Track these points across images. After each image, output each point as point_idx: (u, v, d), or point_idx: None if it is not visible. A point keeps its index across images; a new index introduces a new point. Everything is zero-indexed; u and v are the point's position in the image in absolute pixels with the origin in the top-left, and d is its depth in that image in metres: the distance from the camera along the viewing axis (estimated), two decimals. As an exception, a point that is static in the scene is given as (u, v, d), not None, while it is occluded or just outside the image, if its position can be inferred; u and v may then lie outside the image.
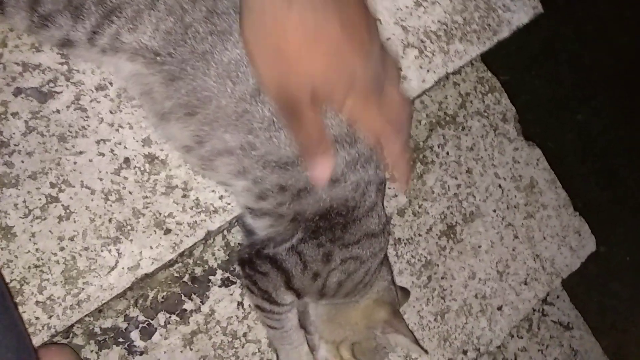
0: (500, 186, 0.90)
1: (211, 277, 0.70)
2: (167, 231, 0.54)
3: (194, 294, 0.69)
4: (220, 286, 0.70)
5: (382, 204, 0.61)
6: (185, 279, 0.69)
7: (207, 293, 0.69)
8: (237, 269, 0.68)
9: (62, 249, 0.51)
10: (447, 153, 0.87)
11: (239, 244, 0.70)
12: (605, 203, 1.66)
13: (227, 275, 0.70)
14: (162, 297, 0.67)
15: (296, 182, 0.52)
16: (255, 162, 0.51)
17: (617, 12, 1.67)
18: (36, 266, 0.50)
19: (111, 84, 0.54)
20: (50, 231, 0.51)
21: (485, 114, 0.92)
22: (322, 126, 0.47)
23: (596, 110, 1.70)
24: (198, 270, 0.69)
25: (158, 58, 0.48)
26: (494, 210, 0.89)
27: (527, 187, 0.93)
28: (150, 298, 0.67)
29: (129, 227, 0.53)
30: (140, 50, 0.48)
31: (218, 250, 0.70)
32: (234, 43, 0.48)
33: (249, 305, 0.70)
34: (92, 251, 0.52)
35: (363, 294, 0.64)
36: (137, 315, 0.66)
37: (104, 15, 0.47)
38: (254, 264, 0.58)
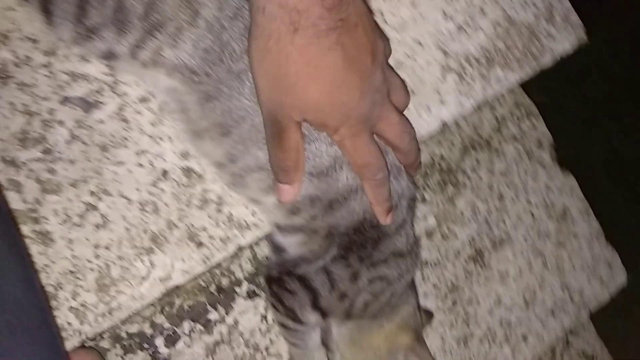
0: (531, 213, 0.89)
1: (237, 289, 0.70)
2: (200, 244, 0.55)
3: (219, 304, 0.69)
4: (245, 298, 0.70)
5: (412, 223, 0.61)
6: (212, 288, 0.69)
7: (232, 304, 0.70)
8: (263, 284, 0.68)
9: (97, 256, 0.52)
10: (480, 177, 0.86)
11: (266, 257, 0.70)
12: (636, 230, 1.62)
13: (252, 287, 0.71)
14: (188, 306, 0.68)
15: (327, 192, 0.52)
16: None
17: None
18: (71, 272, 0.51)
19: (154, 96, 0.55)
20: (87, 238, 0.52)
21: (521, 139, 0.90)
22: (301, 154, 0.47)
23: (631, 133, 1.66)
24: (225, 281, 0.70)
25: (195, 77, 0.49)
26: (524, 238, 0.88)
27: (560, 215, 0.91)
28: (176, 306, 0.68)
29: (162, 239, 0.54)
30: (179, 67, 0.49)
31: (245, 262, 0.71)
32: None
33: (273, 319, 0.70)
34: (125, 260, 0.53)
35: (389, 317, 0.63)
36: (163, 322, 0.67)
37: (147, 30, 0.47)
38: (282, 282, 0.58)
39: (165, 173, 0.55)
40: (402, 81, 0.55)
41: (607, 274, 0.93)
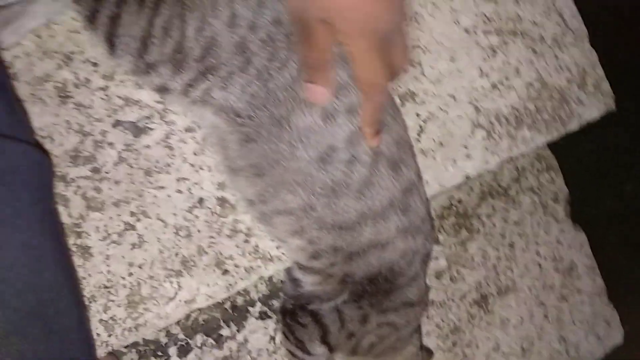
0: (539, 265, 0.91)
1: (250, 308, 0.74)
2: (225, 272, 0.58)
3: (232, 321, 0.73)
4: (257, 318, 0.74)
5: (425, 275, 0.64)
6: (227, 306, 0.73)
7: (244, 322, 0.73)
8: (276, 308, 0.71)
9: (130, 274, 0.55)
10: (494, 224, 0.89)
11: (282, 281, 0.73)
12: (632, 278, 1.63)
13: (265, 309, 0.74)
14: (203, 320, 0.72)
15: (350, 245, 0.55)
16: (312, 222, 0.54)
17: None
18: (105, 287, 0.54)
19: (199, 127, 0.58)
20: (122, 256, 0.55)
21: (538, 192, 0.93)
22: (327, 52, 0.48)
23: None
24: (240, 300, 0.73)
25: (238, 119, 0.52)
26: (529, 288, 0.90)
27: (566, 270, 0.94)
28: (192, 318, 0.71)
29: (192, 263, 0.57)
30: (225, 108, 0.52)
31: (261, 284, 0.74)
32: (308, 111, 0.51)
33: (281, 343, 0.73)
34: (156, 280, 0.56)
35: (392, 357, 0.66)
36: (178, 333, 0.70)
37: (201, 72, 0.50)
38: (295, 315, 0.61)
39: (201, 201, 0.58)
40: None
41: (604, 331, 0.96)
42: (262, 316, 0.74)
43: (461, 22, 0.72)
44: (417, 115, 0.69)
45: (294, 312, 0.62)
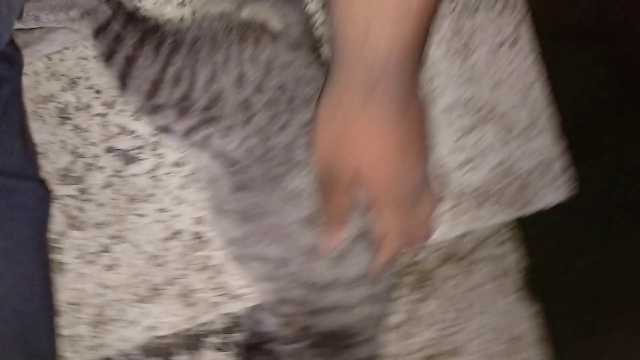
0: (488, 331, 0.96)
1: (207, 339, 0.76)
2: (190, 304, 0.61)
3: (188, 349, 0.75)
4: (213, 350, 0.76)
5: (379, 336, 0.67)
6: (186, 333, 0.75)
7: (199, 352, 0.75)
8: (234, 343, 0.74)
9: (100, 295, 0.58)
10: (451, 287, 0.93)
11: (244, 317, 0.76)
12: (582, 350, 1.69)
13: (222, 341, 0.76)
14: (158, 343, 0.73)
15: (318, 301, 0.59)
16: (286, 275, 0.58)
17: None
18: (74, 304, 0.56)
19: (187, 164, 0.62)
20: (95, 276, 0.58)
21: (497, 260, 0.98)
22: (345, 210, 0.52)
23: (599, 260, 1.75)
24: (199, 329, 0.75)
25: (235, 167, 0.56)
26: (476, 353, 0.94)
27: (514, 338, 0.98)
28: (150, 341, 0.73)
29: (159, 291, 0.60)
30: (223, 154, 0.56)
31: (223, 316, 0.77)
32: (303, 175, 0.55)
33: (233, 377, 0.75)
34: (122, 304, 0.58)
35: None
36: (132, 351, 0.72)
37: (205, 120, 0.54)
38: (253, 353, 0.64)
39: (177, 233, 0.61)
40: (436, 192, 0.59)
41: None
42: (219, 348, 0.76)
43: (440, 102, 0.78)
44: (391, 179, 0.73)
45: (253, 349, 0.64)
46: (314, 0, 0.70)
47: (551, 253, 1.60)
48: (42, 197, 0.50)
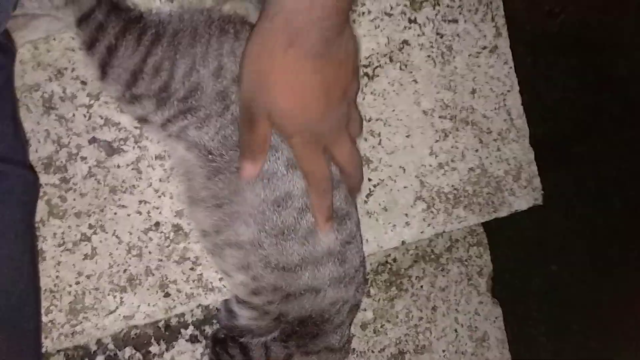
0: (456, 330, 0.99)
1: (182, 330, 0.77)
2: (167, 295, 0.62)
3: (163, 340, 0.76)
4: (187, 340, 0.77)
5: (350, 324, 0.70)
6: (160, 324, 0.76)
7: (174, 343, 0.76)
8: (208, 335, 0.75)
9: (77, 283, 0.59)
10: (422, 287, 0.96)
11: (217, 308, 0.77)
12: (547, 352, 1.75)
13: (197, 333, 0.78)
14: (135, 334, 0.74)
15: (288, 286, 0.60)
16: (258, 260, 0.59)
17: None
18: (51, 291, 0.57)
19: (169, 157, 0.63)
20: (73, 265, 0.59)
21: (466, 263, 1.01)
22: (265, 142, 0.54)
23: (568, 266, 1.81)
24: (174, 320, 0.76)
25: (209, 156, 0.57)
26: (443, 351, 0.98)
27: (479, 339, 1.02)
28: (124, 330, 0.74)
29: (137, 282, 0.61)
30: (198, 145, 0.57)
31: (197, 309, 0.78)
32: (277, 158, 0.56)
33: (206, 367, 0.77)
34: (100, 292, 0.59)
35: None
36: (108, 343, 0.73)
37: (182, 111, 0.56)
38: (225, 345, 0.66)
39: (157, 225, 0.63)
40: (361, 117, 0.63)
41: (504, 401, 1.04)
42: (193, 340, 0.77)
43: (421, 104, 0.80)
44: (369, 179, 0.76)
45: (224, 342, 0.66)
46: None
47: (520, 258, 1.65)
48: (31, 182, 0.50)
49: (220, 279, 0.65)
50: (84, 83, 0.60)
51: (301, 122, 0.52)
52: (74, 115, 0.60)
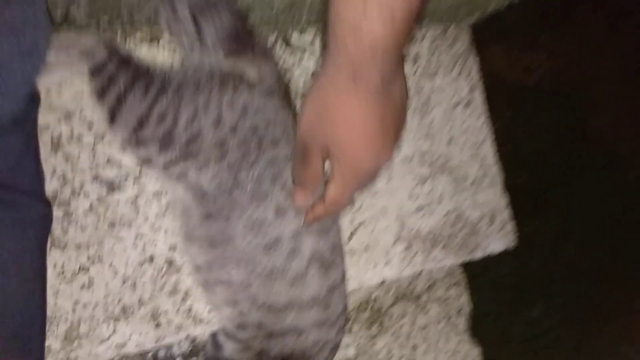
0: (435, 370, 1.02)
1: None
2: (158, 325, 0.66)
3: (151, 370, 0.78)
4: (174, 372, 0.79)
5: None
6: (148, 356, 0.79)
7: (161, 374, 0.79)
8: (195, 367, 0.78)
9: (74, 311, 0.62)
10: (402, 325, 1.00)
11: (203, 343, 0.80)
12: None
13: (184, 364, 0.80)
14: (122, 363, 0.77)
15: (273, 325, 0.64)
16: (246, 298, 0.63)
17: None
18: (49, 318, 0.60)
19: (166, 193, 0.68)
20: (71, 294, 0.62)
21: (445, 303, 1.05)
22: (317, 174, 0.57)
23: (550, 311, 1.84)
24: (161, 353, 0.79)
25: (205, 198, 0.62)
26: (423, 389, 1.00)
27: (458, 378, 1.05)
28: (115, 359, 0.76)
29: (130, 311, 0.64)
30: (195, 187, 0.62)
31: (184, 340, 0.81)
32: (266, 206, 0.61)
33: (191, 400, 0.79)
34: (94, 321, 0.63)
35: None
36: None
37: (183, 155, 0.61)
38: (209, 375, 0.68)
39: (152, 258, 0.67)
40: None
41: None
42: (179, 371, 0.80)
43: (402, 152, 0.86)
44: (352, 220, 0.81)
45: (208, 372, 0.69)
46: (291, 55, 0.79)
47: (502, 302, 1.69)
48: (46, 215, 0.55)
49: (209, 312, 0.69)
50: (90, 124, 0.66)
51: (352, 153, 0.53)
52: (79, 153, 0.65)
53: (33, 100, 0.57)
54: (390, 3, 0.44)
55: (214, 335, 0.71)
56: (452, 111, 0.93)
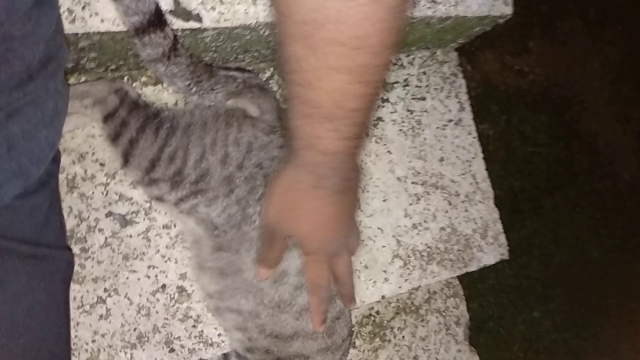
0: (437, 378, 1.06)
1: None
2: (172, 350, 0.70)
3: (165, 392, 0.82)
4: (188, 393, 0.84)
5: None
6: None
7: (175, 395, 0.83)
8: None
9: (93, 341, 0.66)
10: (403, 337, 1.04)
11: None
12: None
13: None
14: (139, 387, 0.81)
15: (280, 351, 0.68)
16: (255, 326, 0.67)
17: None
18: (71, 350, 0.65)
19: (175, 225, 0.72)
20: (90, 324, 0.66)
21: (444, 314, 1.09)
22: (281, 256, 0.63)
23: (550, 312, 1.88)
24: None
25: (216, 231, 0.66)
26: (426, 398, 1.04)
27: (460, 386, 1.09)
28: (130, 385, 0.80)
29: (145, 339, 0.69)
30: (206, 221, 0.66)
31: (198, 362, 0.85)
32: None
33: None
34: (113, 349, 0.67)
35: None
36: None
37: (193, 192, 0.65)
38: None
39: (164, 287, 0.71)
40: (359, 232, 0.71)
41: None
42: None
43: (395, 172, 0.91)
44: (351, 240, 0.85)
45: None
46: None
47: (503, 305, 1.73)
48: (70, 262, 0.60)
49: (219, 335, 0.73)
50: (102, 165, 0.70)
51: (320, 243, 0.60)
52: (93, 192, 0.69)
53: (56, 160, 0.62)
54: (336, 126, 0.49)
55: (226, 356, 0.75)
56: (442, 130, 0.98)
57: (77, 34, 0.58)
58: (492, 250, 0.98)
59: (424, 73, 0.97)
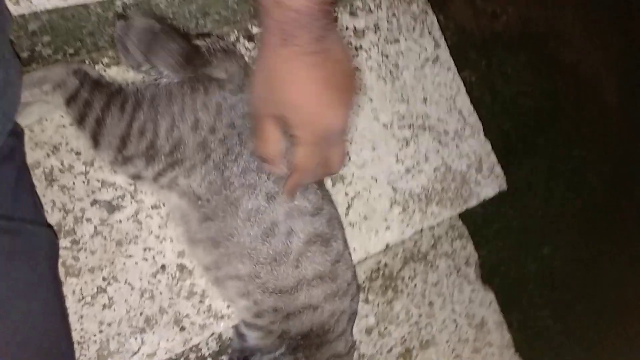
0: (455, 321, 1.06)
1: (202, 362, 0.83)
2: (182, 328, 0.69)
3: (184, 373, 0.81)
4: (207, 372, 0.83)
5: (351, 331, 0.76)
6: (180, 361, 0.82)
7: (195, 375, 0.82)
8: (226, 362, 0.81)
9: (100, 331, 0.65)
10: (415, 285, 1.03)
11: (230, 339, 0.83)
12: (556, 334, 1.81)
13: (215, 362, 0.83)
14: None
15: (287, 307, 0.67)
16: (257, 287, 0.66)
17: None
18: (78, 342, 0.63)
19: (164, 205, 0.70)
20: (94, 315, 0.65)
21: (452, 257, 1.09)
22: (276, 143, 0.58)
23: (560, 246, 1.88)
24: (192, 356, 0.82)
25: (199, 202, 0.64)
26: (447, 341, 1.04)
27: (478, 325, 1.08)
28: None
29: (154, 321, 0.67)
30: (188, 193, 0.64)
31: (212, 340, 0.84)
32: (257, 194, 0.64)
33: (229, 394, 0.82)
34: (122, 337, 0.65)
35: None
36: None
37: (169, 164, 0.63)
38: (245, 364, 0.72)
39: (163, 267, 0.69)
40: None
41: (513, 379, 1.10)
42: (212, 370, 0.83)
43: (380, 119, 0.89)
44: (346, 194, 0.83)
45: (238, 363, 0.72)
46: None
47: (512, 246, 1.73)
48: (52, 239, 0.58)
49: (228, 307, 0.72)
50: (78, 153, 0.68)
51: (305, 114, 0.54)
52: (74, 183, 0.67)
53: (17, 135, 0.59)
54: None
55: (237, 329, 0.74)
56: (421, 70, 0.96)
57: (24, 15, 0.55)
58: (490, 183, 0.96)
59: (394, 15, 0.95)
